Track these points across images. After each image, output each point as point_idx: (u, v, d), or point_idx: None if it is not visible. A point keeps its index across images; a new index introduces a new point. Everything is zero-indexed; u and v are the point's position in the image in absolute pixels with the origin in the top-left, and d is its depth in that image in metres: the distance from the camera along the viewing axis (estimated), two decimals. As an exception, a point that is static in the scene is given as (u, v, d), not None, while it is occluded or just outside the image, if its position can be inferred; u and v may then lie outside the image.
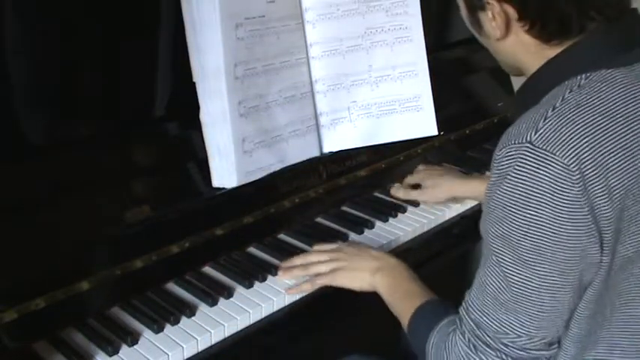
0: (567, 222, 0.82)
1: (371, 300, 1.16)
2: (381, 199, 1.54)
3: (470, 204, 1.52)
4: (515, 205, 0.84)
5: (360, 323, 1.38)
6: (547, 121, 0.84)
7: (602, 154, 0.82)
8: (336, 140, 1.44)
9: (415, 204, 1.51)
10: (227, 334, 1.10)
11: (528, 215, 0.83)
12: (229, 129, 1.23)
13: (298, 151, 1.37)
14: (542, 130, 0.83)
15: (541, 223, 0.83)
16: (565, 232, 0.83)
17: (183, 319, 1.10)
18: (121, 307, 1.12)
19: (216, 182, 1.25)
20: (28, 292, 1.01)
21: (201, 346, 1.07)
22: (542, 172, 0.82)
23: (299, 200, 1.37)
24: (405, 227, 1.43)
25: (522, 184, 0.83)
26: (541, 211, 0.82)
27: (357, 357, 1.25)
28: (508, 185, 0.85)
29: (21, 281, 1.02)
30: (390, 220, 1.45)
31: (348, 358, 1.25)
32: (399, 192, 1.51)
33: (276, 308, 1.17)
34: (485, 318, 0.91)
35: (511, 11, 0.90)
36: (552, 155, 0.81)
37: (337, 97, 1.44)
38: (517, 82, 2.05)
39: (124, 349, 1.03)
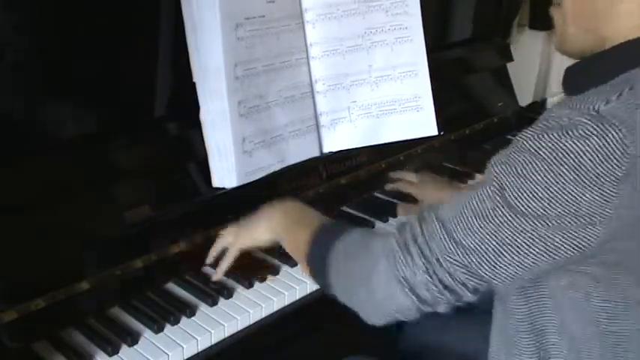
0: (590, 197, 0.78)
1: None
2: (381, 199, 1.55)
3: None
4: (549, 156, 0.79)
5: (360, 324, 1.37)
6: (621, 97, 0.80)
7: None
8: (336, 140, 1.44)
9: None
10: (227, 334, 1.10)
11: (559, 171, 0.78)
12: (229, 129, 1.23)
13: (298, 151, 1.37)
14: (613, 104, 0.79)
15: (565, 186, 0.78)
16: (580, 205, 0.79)
17: (183, 319, 1.10)
18: (121, 307, 1.12)
19: (216, 182, 1.25)
20: (28, 292, 1.01)
21: (201, 346, 1.07)
22: (596, 137, 0.77)
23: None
24: (405, 227, 1.43)
25: (569, 141, 0.78)
26: (572, 175, 0.78)
27: (356, 357, 1.25)
28: (553, 137, 0.79)
29: (21, 281, 1.02)
30: (390, 220, 1.45)
31: (349, 359, 1.25)
32: (401, 210, 1.47)
33: (276, 308, 1.17)
34: (441, 231, 0.86)
35: None
36: (616, 127, 0.77)
37: (337, 97, 1.44)
38: (518, 83, 2.06)
39: (124, 349, 1.04)
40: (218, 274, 1.18)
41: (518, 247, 0.83)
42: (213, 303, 1.14)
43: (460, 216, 0.86)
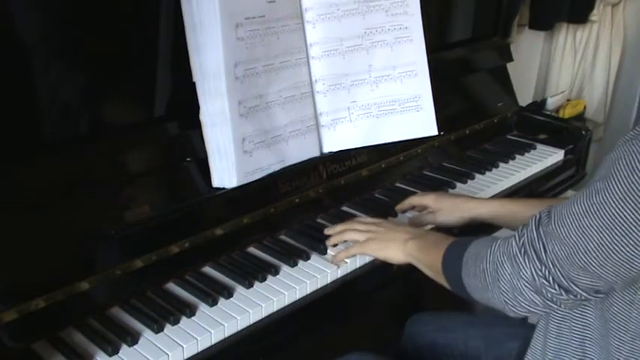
0: None
1: (370, 300, 1.16)
2: (380, 199, 1.55)
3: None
4: None
5: (360, 323, 1.38)
6: None
7: None
8: (336, 140, 1.44)
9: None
10: (227, 334, 1.10)
11: None
12: (229, 129, 1.24)
13: (298, 151, 1.38)
14: None
15: None
16: None
17: (183, 319, 1.10)
18: (121, 307, 1.12)
19: (216, 182, 1.26)
20: (28, 292, 1.01)
21: (201, 346, 1.07)
22: None
23: (299, 200, 1.37)
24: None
25: None
26: None
27: (356, 356, 1.25)
28: None
29: (21, 281, 1.02)
30: (390, 220, 1.45)
31: (348, 358, 1.25)
32: (410, 221, 1.41)
33: (276, 308, 1.17)
34: (556, 230, 0.88)
35: None
36: None
37: (337, 97, 1.44)
38: (517, 83, 2.06)
39: (124, 349, 1.03)
40: (339, 257, 1.25)
41: (626, 249, 0.82)
42: (213, 303, 1.14)
43: (571, 218, 0.86)
